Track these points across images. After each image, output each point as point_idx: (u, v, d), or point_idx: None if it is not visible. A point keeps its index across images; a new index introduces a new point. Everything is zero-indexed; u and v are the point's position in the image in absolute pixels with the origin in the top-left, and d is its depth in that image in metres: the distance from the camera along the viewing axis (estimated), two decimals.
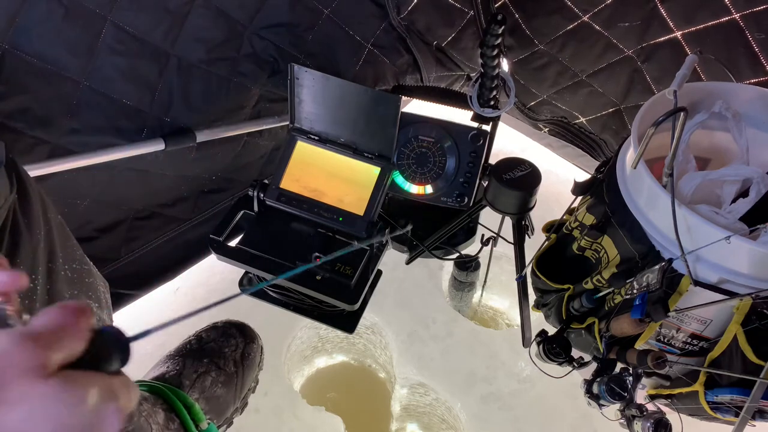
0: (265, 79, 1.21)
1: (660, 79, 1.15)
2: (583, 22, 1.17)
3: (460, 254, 1.27)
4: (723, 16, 0.97)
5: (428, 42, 1.43)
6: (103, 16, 0.91)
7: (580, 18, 1.17)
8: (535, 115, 1.51)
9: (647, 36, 1.10)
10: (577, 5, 1.16)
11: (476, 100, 1.07)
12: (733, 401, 0.77)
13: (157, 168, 1.15)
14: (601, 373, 0.87)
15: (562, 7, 1.17)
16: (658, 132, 0.70)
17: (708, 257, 0.71)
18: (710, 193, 0.81)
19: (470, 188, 1.11)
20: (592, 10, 1.15)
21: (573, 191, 0.98)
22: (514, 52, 1.36)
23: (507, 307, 1.71)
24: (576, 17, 1.18)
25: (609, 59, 1.21)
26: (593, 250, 0.93)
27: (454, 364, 1.35)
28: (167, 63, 1.03)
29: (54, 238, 0.74)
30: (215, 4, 1.04)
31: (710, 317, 0.78)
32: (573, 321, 0.98)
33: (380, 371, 1.66)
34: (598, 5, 1.13)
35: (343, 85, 1.01)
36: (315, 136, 1.09)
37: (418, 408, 1.54)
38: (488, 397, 1.30)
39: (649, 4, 1.05)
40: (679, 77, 0.78)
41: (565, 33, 1.22)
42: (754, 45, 0.96)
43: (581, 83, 1.31)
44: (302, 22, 1.20)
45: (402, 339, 1.38)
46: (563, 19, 1.20)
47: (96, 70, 0.94)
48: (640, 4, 1.07)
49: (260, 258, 1.03)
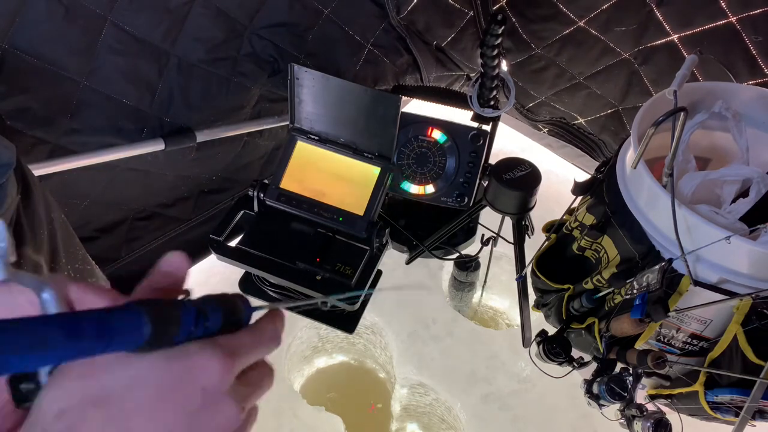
0: (265, 79, 1.21)
1: (658, 81, 1.15)
2: (579, 27, 1.18)
3: (460, 254, 1.27)
4: (720, 19, 0.97)
5: (428, 42, 1.43)
6: (103, 16, 0.91)
7: (577, 23, 1.17)
8: (534, 116, 1.51)
9: (644, 39, 1.10)
10: (573, 11, 1.16)
11: (476, 100, 1.07)
12: (733, 401, 0.77)
13: (157, 168, 1.15)
14: (601, 373, 0.87)
15: (559, 12, 1.18)
16: (658, 132, 0.70)
17: (708, 257, 0.71)
18: (710, 193, 0.81)
19: (470, 188, 1.11)
20: (588, 15, 1.15)
21: (573, 191, 0.98)
22: (512, 55, 1.36)
23: (507, 307, 1.71)
24: (572, 22, 1.18)
25: (606, 62, 1.21)
26: (593, 250, 0.93)
27: (454, 364, 1.35)
28: (167, 63, 1.03)
29: (57, 238, 0.74)
30: (215, 4, 1.04)
31: (710, 317, 0.78)
32: (573, 321, 0.98)
33: (380, 371, 1.66)
34: (594, 11, 1.13)
35: (343, 85, 1.00)
36: (315, 136, 1.09)
37: (418, 408, 1.54)
38: (488, 397, 1.30)
39: (645, 8, 1.05)
40: (679, 77, 0.78)
41: (562, 37, 1.23)
42: (752, 48, 0.96)
43: (579, 85, 1.31)
44: (302, 22, 1.20)
45: (402, 339, 1.38)
46: (560, 24, 1.20)
47: (96, 70, 0.94)
48: (636, 9, 1.07)
49: (260, 258, 1.03)
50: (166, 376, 0.29)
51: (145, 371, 0.29)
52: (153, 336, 0.28)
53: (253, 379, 0.34)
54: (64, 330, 0.24)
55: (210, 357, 0.30)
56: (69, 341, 0.24)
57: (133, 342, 0.27)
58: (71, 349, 0.25)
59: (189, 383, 0.29)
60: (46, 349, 0.24)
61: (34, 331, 0.23)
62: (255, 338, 0.35)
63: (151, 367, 0.29)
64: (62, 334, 0.24)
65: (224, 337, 0.33)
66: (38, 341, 0.23)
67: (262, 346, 0.35)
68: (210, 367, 0.30)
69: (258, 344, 0.35)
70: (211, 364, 0.30)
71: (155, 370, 0.29)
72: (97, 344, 0.26)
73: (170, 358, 0.30)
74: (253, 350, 0.34)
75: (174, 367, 0.29)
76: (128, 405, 0.28)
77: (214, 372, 0.30)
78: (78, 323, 0.25)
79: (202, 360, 0.30)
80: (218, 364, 0.30)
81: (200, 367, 0.30)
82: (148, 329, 0.27)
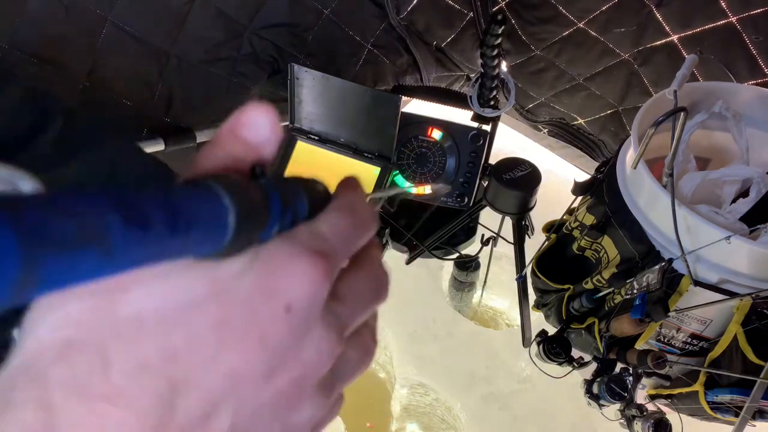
0: (265, 79, 1.21)
1: (657, 82, 1.15)
2: (578, 28, 1.18)
3: (460, 254, 1.27)
4: (720, 19, 0.97)
5: (428, 42, 1.43)
6: (104, 16, 0.91)
7: (576, 24, 1.17)
8: (533, 117, 1.51)
9: (643, 40, 1.10)
10: (572, 12, 1.16)
11: (476, 100, 1.07)
12: (733, 401, 0.77)
13: None
14: (601, 373, 0.87)
15: (558, 14, 1.17)
16: (658, 132, 0.70)
17: (708, 257, 0.71)
18: (710, 193, 0.81)
19: (470, 188, 1.11)
20: (587, 16, 1.15)
21: (573, 191, 0.98)
22: (511, 57, 1.36)
23: (507, 307, 1.71)
24: (571, 24, 1.18)
25: (606, 63, 1.21)
26: (593, 250, 0.93)
27: (454, 364, 1.35)
28: (167, 63, 1.03)
29: None
30: (215, 4, 1.04)
31: (710, 317, 0.78)
32: (573, 321, 0.98)
33: (380, 371, 1.66)
34: (593, 12, 1.13)
35: (343, 85, 1.00)
36: (315, 136, 1.09)
37: (418, 408, 1.54)
38: (488, 397, 1.30)
39: (644, 9, 1.05)
40: (679, 77, 0.78)
41: (562, 39, 1.23)
42: (752, 47, 0.96)
43: (579, 86, 1.31)
44: (302, 22, 1.20)
45: (402, 339, 1.38)
46: (559, 26, 1.20)
47: (96, 70, 0.94)
48: (636, 10, 1.07)
49: None
50: (234, 294, 0.18)
51: (203, 286, 0.18)
52: (236, 233, 0.17)
53: (354, 290, 0.22)
54: (120, 212, 0.14)
55: (292, 258, 0.19)
56: (128, 231, 0.14)
57: (212, 241, 0.17)
58: (134, 246, 0.14)
59: (268, 303, 0.19)
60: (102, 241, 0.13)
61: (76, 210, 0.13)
62: (345, 217, 0.22)
63: (211, 279, 0.18)
64: (118, 219, 0.14)
65: (303, 227, 0.21)
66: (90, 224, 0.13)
67: (358, 228, 0.23)
68: (295, 274, 0.19)
69: (353, 225, 0.22)
70: (297, 270, 0.19)
71: (220, 284, 0.18)
72: (169, 240, 0.15)
73: (245, 266, 0.19)
74: (349, 236, 0.22)
75: (246, 280, 0.19)
76: (176, 338, 0.17)
77: (303, 281, 0.19)
78: (138, 203, 0.14)
79: (283, 265, 0.19)
80: (307, 268, 0.19)
81: (283, 276, 0.19)
82: (232, 223, 0.17)
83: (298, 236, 0.20)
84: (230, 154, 0.20)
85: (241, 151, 0.21)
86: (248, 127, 0.21)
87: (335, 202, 0.23)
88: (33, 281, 0.12)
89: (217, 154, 0.20)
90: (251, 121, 0.21)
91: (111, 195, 0.14)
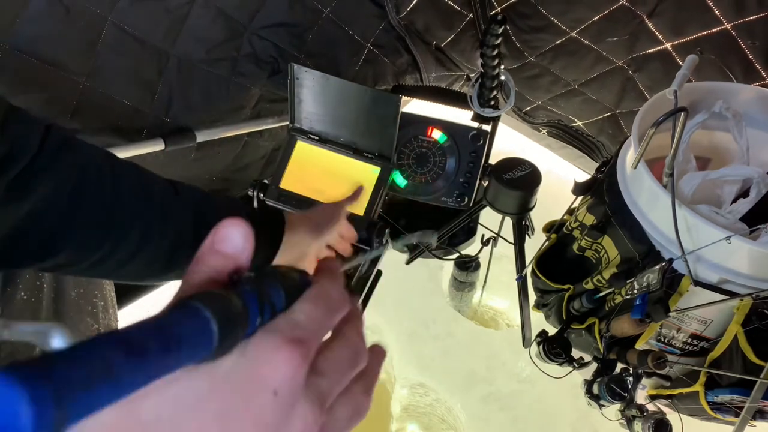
0: (265, 79, 1.21)
1: (653, 88, 1.15)
2: (571, 37, 1.18)
3: (460, 254, 1.27)
4: (714, 26, 0.97)
5: (428, 42, 1.43)
6: (104, 17, 0.91)
7: (568, 33, 1.17)
8: (532, 119, 1.51)
9: (636, 48, 1.10)
10: (564, 22, 1.16)
11: (476, 100, 1.07)
12: (733, 401, 0.77)
13: (157, 168, 1.15)
14: (602, 374, 0.87)
15: (550, 24, 1.17)
16: (658, 132, 0.70)
17: (708, 257, 0.71)
18: (710, 193, 0.81)
19: (470, 188, 1.11)
20: (579, 26, 1.15)
21: (573, 191, 0.98)
22: (507, 62, 1.36)
23: (507, 307, 1.71)
24: (564, 33, 1.18)
25: (600, 69, 1.21)
26: (593, 250, 0.93)
27: (454, 364, 1.35)
28: (167, 63, 1.03)
29: None
30: (215, 4, 1.04)
31: (710, 317, 0.78)
32: (573, 321, 0.98)
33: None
34: (584, 22, 1.13)
35: (343, 85, 1.01)
36: (315, 136, 1.09)
37: (418, 408, 1.54)
38: (488, 397, 1.30)
39: (635, 19, 1.05)
40: (679, 77, 0.78)
41: (555, 47, 1.23)
42: (748, 53, 0.96)
43: (574, 91, 1.31)
44: (302, 22, 1.20)
45: (402, 339, 1.38)
46: (551, 35, 1.20)
47: (96, 71, 0.94)
48: (627, 20, 1.07)
49: None
50: (229, 387, 0.22)
51: (203, 385, 0.22)
52: (221, 339, 0.21)
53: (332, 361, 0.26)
54: (121, 348, 0.18)
55: (273, 349, 0.23)
56: (130, 362, 0.18)
57: (202, 350, 0.21)
58: (137, 372, 0.18)
59: (258, 391, 0.22)
60: (111, 376, 0.17)
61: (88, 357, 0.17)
62: (318, 304, 0.26)
63: (209, 378, 0.22)
64: (121, 354, 0.18)
65: (282, 318, 0.25)
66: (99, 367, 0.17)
67: (331, 311, 0.27)
68: (277, 362, 0.23)
69: (325, 310, 0.26)
70: (279, 359, 0.23)
71: (216, 381, 0.22)
72: (164, 359, 0.19)
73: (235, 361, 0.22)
74: (322, 320, 0.26)
75: (239, 373, 0.22)
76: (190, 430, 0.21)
77: (285, 368, 0.23)
78: (134, 336, 0.19)
79: (266, 355, 0.23)
80: (287, 355, 0.23)
81: (267, 365, 0.23)
82: (216, 331, 0.21)
83: (278, 327, 0.24)
84: (211, 267, 0.25)
85: (220, 263, 0.25)
86: (225, 241, 0.25)
87: (310, 291, 0.27)
88: (64, 419, 0.16)
89: (201, 269, 0.25)
90: (227, 235, 0.25)
91: (113, 335, 0.18)
